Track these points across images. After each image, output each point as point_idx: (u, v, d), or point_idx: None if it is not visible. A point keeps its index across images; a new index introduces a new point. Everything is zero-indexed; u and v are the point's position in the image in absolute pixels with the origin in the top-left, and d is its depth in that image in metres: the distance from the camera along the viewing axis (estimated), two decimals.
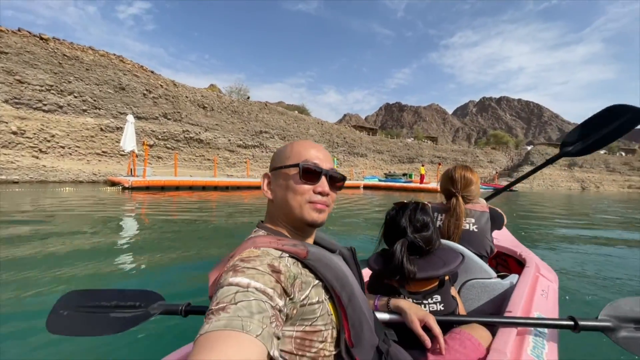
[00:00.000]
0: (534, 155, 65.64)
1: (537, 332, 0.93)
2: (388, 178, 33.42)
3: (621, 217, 9.56)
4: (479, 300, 1.33)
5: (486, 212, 1.56)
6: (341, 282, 0.63)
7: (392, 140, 55.51)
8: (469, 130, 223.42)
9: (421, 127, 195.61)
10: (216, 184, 15.73)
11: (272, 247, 0.59)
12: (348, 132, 42.53)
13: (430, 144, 62.34)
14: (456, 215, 1.51)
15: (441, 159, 58.44)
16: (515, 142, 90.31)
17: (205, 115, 24.23)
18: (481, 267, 1.34)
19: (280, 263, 0.55)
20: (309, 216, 0.67)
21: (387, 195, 17.80)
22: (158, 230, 5.06)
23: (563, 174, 64.88)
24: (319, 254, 0.63)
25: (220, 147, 25.13)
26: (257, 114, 28.47)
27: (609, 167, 69.61)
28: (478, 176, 1.62)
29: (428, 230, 1.05)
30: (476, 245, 1.50)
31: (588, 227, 7.34)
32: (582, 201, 18.94)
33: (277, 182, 0.70)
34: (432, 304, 1.00)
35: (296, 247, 0.61)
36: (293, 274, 0.56)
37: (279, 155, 0.72)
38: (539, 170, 2.19)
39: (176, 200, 9.84)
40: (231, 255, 0.59)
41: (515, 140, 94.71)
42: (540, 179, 61.89)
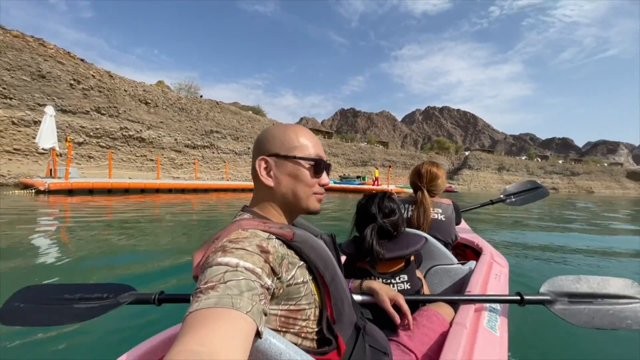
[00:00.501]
0: (471, 159, 73.09)
1: (491, 307, 1.06)
2: (343, 180, 34.15)
3: (542, 212, 10.91)
4: (442, 285, 1.48)
5: (451, 205, 1.76)
6: (324, 262, 0.64)
7: (346, 144, 57.03)
8: (415, 136, 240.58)
9: (373, 132, 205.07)
10: (158, 187, 14.34)
11: (260, 229, 0.59)
12: None
13: (381, 149, 65.46)
14: (423, 206, 1.66)
15: (391, 163, 61.77)
16: (455, 148, 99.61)
17: (148, 112, 22.10)
18: (444, 254, 1.48)
19: (268, 244, 0.56)
20: (313, 206, 0.71)
21: (342, 197, 18.05)
22: (73, 240, 4.25)
23: (494, 177, 73.19)
24: (305, 236, 0.64)
25: (166, 147, 23.13)
26: (207, 113, 26.88)
27: (529, 171, 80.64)
28: (444, 172, 1.78)
29: (395, 215, 1.15)
30: (443, 233, 1.67)
31: (523, 221, 8.19)
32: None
33: (283, 171, 0.68)
34: (399, 283, 1.09)
35: (283, 229, 0.61)
36: (281, 255, 0.57)
37: (281, 141, 0.68)
38: (486, 205, 2.90)
39: (103, 205, 8.59)
40: (216, 237, 0.59)
41: (455, 146, 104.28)
42: (476, 181, 68.96)
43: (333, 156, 50.15)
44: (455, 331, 0.86)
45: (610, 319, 0.93)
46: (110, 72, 20.07)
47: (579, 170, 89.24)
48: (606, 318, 0.93)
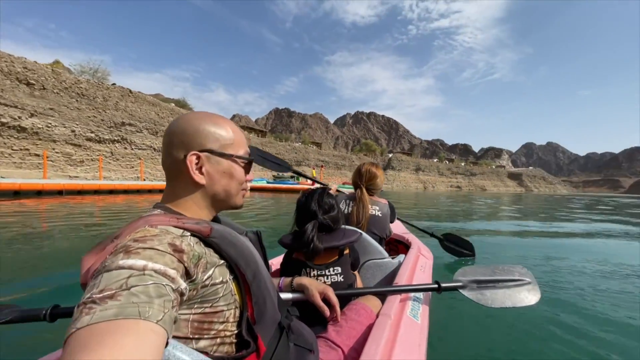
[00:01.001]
0: (394, 161, 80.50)
1: (415, 297, 1.17)
2: (277, 180, 33.51)
3: (457, 208, 12.41)
4: (374, 278, 1.56)
5: (387, 204, 1.88)
6: (246, 259, 0.60)
7: (280, 143, 56.41)
8: (346, 138, 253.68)
9: (308, 133, 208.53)
10: (41, 188, 11.52)
11: (174, 224, 0.53)
12: None
13: (315, 149, 66.86)
14: (362, 203, 1.76)
15: (324, 163, 63.72)
16: (381, 150, 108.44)
17: (31, 95, 17.68)
18: (377, 249, 1.57)
19: (182, 242, 0.50)
20: (240, 201, 0.70)
21: (276, 197, 17.52)
22: None
23: (412, 177, 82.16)
24: (224, 231, 0.59)
25: (58, 140, 18.90)
26: (117, 102, 23.01)
27: (440, 172, 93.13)
28: (382, 172, 1.92)
29: (334, 211, 1.19)
30: (379, 228, 1.77)
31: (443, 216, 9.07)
32: (429, 198, 24.04)
33: (217, 168, 0.64)
34: (333, 275, 1.13)
35: (199, 224, 0.56)
36: (197, 254, 0.51)
37: (215, 136, 0.64)
38: (424, 233, 3.48)
39: None
40: (115, 235, 0.51)
41: (380, 148, 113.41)
42: (398, 180, 76.15)
43: None
44: (380, 322, 0.90)
45: (508, 299, 1.13)
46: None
47: (476, 172, 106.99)
48: (505, 298, 1.14)
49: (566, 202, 21.00)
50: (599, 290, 2.56)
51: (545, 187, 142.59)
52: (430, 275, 1.59)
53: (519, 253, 4.05)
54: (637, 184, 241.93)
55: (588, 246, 4.72)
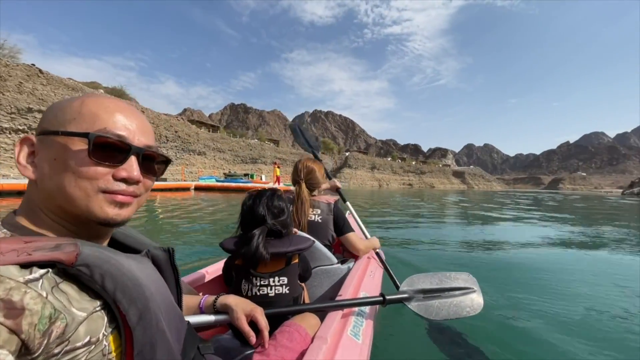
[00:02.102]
0: (351, 160, 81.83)
1: (359, 311, 1.06)
2: (228, 178, 31.17)
3: (410, 206, 12.05)
4: (321, 287, 1.46)
5: (331, 203, 1.68)
6: (130, 294, 0.42)
7: (234, 139, 53.21)
8: None
9: (265, 130, 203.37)
10: None
11: (13, 260, 0.34)
12: (181, 125, 36.68)
13: (272, 146, 64.72)
14: (301, 200, 1.62)
15: (282, 161, 61.96)
16: (338, 149, 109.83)
17: None
18: (325, 254, 1.47)
19: (25, 295, 0.32)
20: (101, 212, 0.45)
21: (226, 196, 15.71)
22: None
23: (368, 175, 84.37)
24: (97, 257, 0.41)
25: None
26: (20, 83, 18.84)
27: (393, 170, 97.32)
28: (322, 166, 1.78)
29: (284, 215, 1.10)
30: (320, 235, 1.60)
31: (397, 214, 8.45)
32: (383, 196, 24.11)
33: (47, 154, 0.44)
34: (278, 285, 1.03)
35: (59, 249, 0.38)
36: (49, 312, 0.34)
37: (55, 112, 0.45)
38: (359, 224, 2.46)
39: None
40: None
41: (338, 147, 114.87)
42: (354, 179, 77.53)
43: (219, 152, 45.72)
44: (314, 348, 0.81)
45: (454, 310, 1.06)
46: None
47: (425, 170, 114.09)
48: (451, 309, 1.06)
49: (502, 198, 22.66)
50: (539, 285, 2.61)
51: (483, 184, 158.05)
52: (379, 282, 1.54)
53: (463, 248, 4.13)
54: (554, 181, 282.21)
55: (521, 234, 5.28)
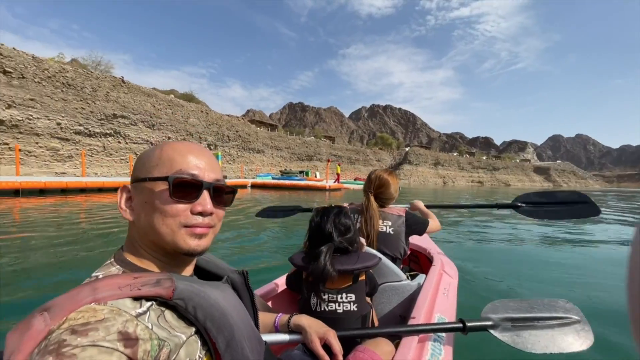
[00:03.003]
0: (411, 155, 76.64)
1: (436, 336, 0.99)
2: (283, 176, 31.57)
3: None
4: (390, 304, 1.40)
5: (402, 216, 1.60)
6: (218, 324, 0.48)
7: (290, 137, 54.28)
8: (361, 132, 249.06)
9: (321, 127, 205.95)
10: (19, 187, 9.96)
11: (126, 295, 0.42)
12: (242, 125, 38.52)
13: (327, 143, 64.47)
14: (369, 214, 1.55)
15: (337, 157, 61.29)
16: (397, 144, 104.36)
17: (9, 85, 16.33)
18: (392, 270, 1.40)
19: (137, 326, 0.39)
20: (185, 244, 0.52)
21: (279, 195, 15.41)
22: None
23: (431, 172, 78.08)
24: (190, 290, 0.48)
25: (42, 133, 17.55)
26: (107, 92, 21.50)
27: (460, 166, 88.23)
28: (397, 180, 1.66)
29: (351, 232, 1.11)
30: (391, 247, 1.54)
31: (467, 218, 6.66)
32: (448, 195, 21.24)
33: (140, 199, 0.52)
34: (346, 302, 1.03)
35: (159, 285, 0.45)
36: (158, 342, 0.40)
37: (143, 162, 0.54)
38: (489, 207, 2.22)
39: None
40: (46, 307, 0.39)
41: (397, 142, 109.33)
42: (415, 175, 72.48)
43: (276, 149, 47.08)
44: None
45: (554, 342, 0.92)
46: None
47: (498, 166, 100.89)
48: (550, 341, 0.92)
49: (604, 198, 17.74)
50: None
51: (575, 182, 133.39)
52: (454, 301, 1.38)
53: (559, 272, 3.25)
54: None
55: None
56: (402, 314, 1.36)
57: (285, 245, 4.48)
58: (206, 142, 30.33)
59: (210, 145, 30.79)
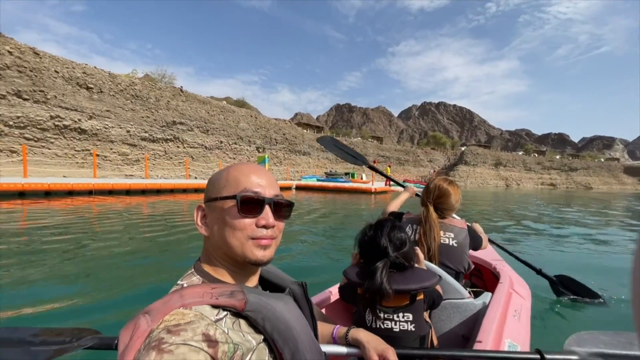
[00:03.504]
0: (467, 155, 70.39)
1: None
2: (329, 177, 31.29)
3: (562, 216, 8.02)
4: (450, 322, 1.31)
5: (464, 229, 1.53)
6: (283, 336, 0.53)
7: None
8: (412, 132, 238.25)
9: (369, 128, 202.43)
10: (81, 188, 11.29)
11: (207, 302, 0.49)
12: (288, 127, 39.37)
13: (375, 144, 62.78)
14: (429, 225, 1.47)
15: (385, 158, 59.18)
16: (452, 143, 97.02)
17: (91, 99, 18.79)
18: (454, 287, 1.32)
19: (216, 330, 0.46)
20: (252, 255, 0.59)
21: (323, 197, 15.09)
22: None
23: (491, 173, 70.78)
24: (258, 303, 0.53)
25: (115, 140, 19.87)
26: (168, 102, 23.56)
27: (527, 167, 78.25)
28: (458, 190, 1.57)
29: (406, 246, 1.07)
30: (454, 261, 1.45)
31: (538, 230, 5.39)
32: (512, 200, 18.62)
33: (213, 216, 0.60)
34: (403, 322, 1.00)
35: (233, 296, 0.51)
36: (233, 345, 0.47)
37: (213, 183, 0.62)
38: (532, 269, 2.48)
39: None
40: (147, 310, 0.48)
41: (451, 141, 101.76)
42: (472, 177, 66.42)
43: (322, 151, 47.17)
44: None
45: None
46: (35, 48, 16.69)
47: (576, 166, 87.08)
48: None
49: None
50: None
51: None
52: (527, 326, 1.27)
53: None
54: None
55: None
56: (464, 334, 1.29)
57: (332, 248, 4.24)
58: (255, 145, 31.54)
59: (258, 148, 31.96)
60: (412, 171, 61.12)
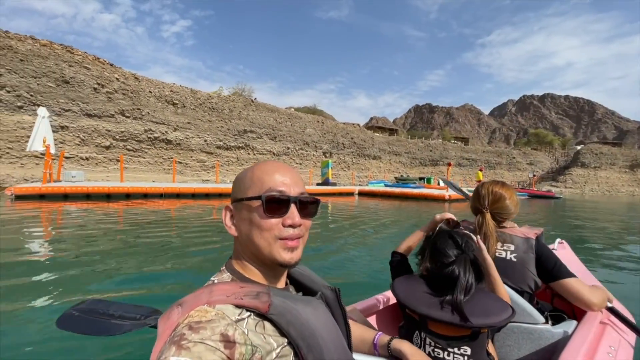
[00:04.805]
0: (586, 155, 55.81)
1: None
2: (399, 183, 28.67)
3: None
4: (518, 350, 1.13)
5: (531, 239, 1.25)
6: (308, 342, 0.52)
7: (411, 140, 49.91)
8: (507, 130, 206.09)
9: (453, 128, 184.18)
10: (163, 191, 12.64)
11: (231, 302, 0.50)
12: (357, 131, 38.11)
13: (458, 145, 55.83)
14: (484, 234, 1.28)
15: (470, 161, 51.90)
16: (562, 141, 79.23)
17: (175, 113, 21.46)
18: (524, 308, 1.13)
19: (236, 331, 0.46)
20: (279, 257, 0.58)
21: (391, 205, 13.42)
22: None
23: (624, 177, 54.47)
24: (283, 307, 0.52)
25: (194, 149, 22.20)
26: (240, 112, 25.28)
27: None
28: (514, 193, 1.35)
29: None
30: (515, 279, 1.24)
31: None
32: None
33: (240, 217, 0.60)
34: (458, 355, 0.84)
35: (258, 298, 0.51)
36: (251, 347, 0.46)
37: (238, 184, 0.62)
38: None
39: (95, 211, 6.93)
40: (180, 303, 0.50)
41: (561, 139, 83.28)
42: (594, 183, 52.38)
43: (394, 155, 44.22)
44: None
45: None
46: (135, 74, 19.94)
47: None
48: None
49: None
50: None
51: None
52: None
53: None
54: None
55: None
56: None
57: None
58: (322, 150, 31.36)
59: (325, 153, 31.68)
60: (506, 176, 52.03)
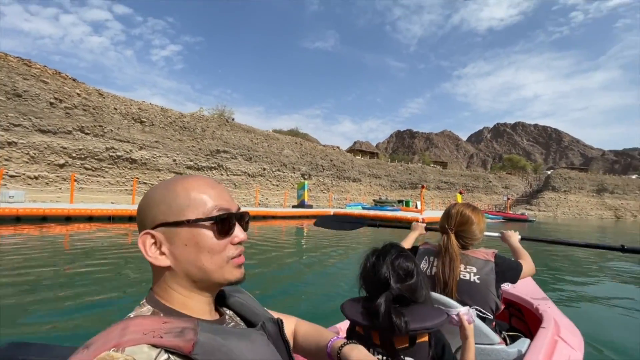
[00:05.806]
0: (556, 179, 58.38)
1: None
2: (376, 205, 28.35)
3: None
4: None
5: (490, 261, 1.27)
6: None
7: (391, 163, 50.53)
8: (483, 155, 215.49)
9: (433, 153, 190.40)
10: (112, 213, 11.49)
11: (146, 341, 0.42)
12: (336, 153, 38.08)
13: (436, 169, 57.15)
14: (449, 255, 1.27)
15: (449, 185, 52.92)
16: (534, 166, 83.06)
17: (142, 131, 20.47)
18: (480, 329, 1.12)
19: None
20: (233, 277, 0.54)
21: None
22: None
23: (592, 201, 56.99)
24: (211, 345, 0.45)
25: (162, 169, 21.04)
26: (213, 131, 24.57)
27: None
28: (483, 218, 1.37)
29: (413, 278, 0.93)
30: (478, 301, 1.23)
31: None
32: (633, 236, 13.18)
33: (176, 242, 0.51)
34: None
35: (181, 335, 0.43)
36: None
37: (168, 204, 0.51)
38: (590, 248, 1.81)
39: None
40: (87, 345, 0.42)
41: (533, 164, 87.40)
42: (565, 206, 54.37)
43: (374, 177, 44.40)
44: None
45: None
46: (100, 90, 19.04)
47: None
48: None
49: None
50: None
51: None
52: None
53: None
54: None
55: None
56: None
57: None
58: (300, 172, 30.81)
59: (304, 174, 31.13)
60: (483, 199, 53.10)
